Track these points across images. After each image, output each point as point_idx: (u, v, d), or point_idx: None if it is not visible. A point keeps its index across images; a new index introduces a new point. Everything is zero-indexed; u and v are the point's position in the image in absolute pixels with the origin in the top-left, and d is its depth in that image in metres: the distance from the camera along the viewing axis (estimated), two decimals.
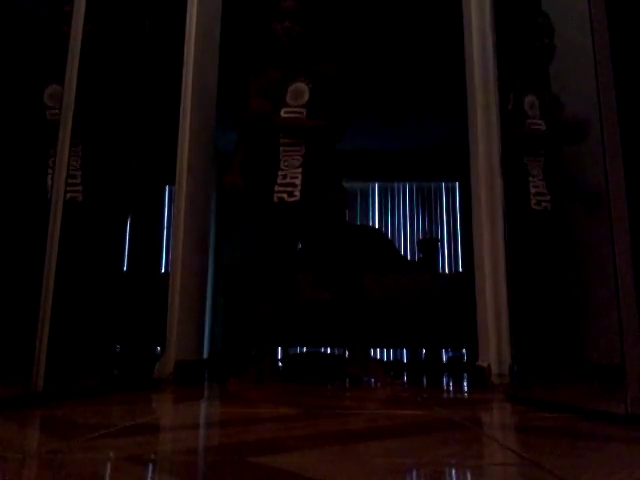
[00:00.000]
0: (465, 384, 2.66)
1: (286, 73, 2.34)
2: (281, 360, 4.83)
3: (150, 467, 0.68)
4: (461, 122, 2.59)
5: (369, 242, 4.99)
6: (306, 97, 2.29)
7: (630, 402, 1.01)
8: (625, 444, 0.88)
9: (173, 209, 2.25)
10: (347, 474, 0.63)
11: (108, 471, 0.66)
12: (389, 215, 6.54)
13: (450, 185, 6.54)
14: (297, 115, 2.27)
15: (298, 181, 2.23)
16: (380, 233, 5.55)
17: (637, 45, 1.31)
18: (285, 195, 2.24)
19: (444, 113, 5.24)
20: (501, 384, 1.95)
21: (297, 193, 2.23)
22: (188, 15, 2.42)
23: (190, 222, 2.28)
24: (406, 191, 6.56)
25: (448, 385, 2.60)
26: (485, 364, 2.08)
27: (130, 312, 2.16)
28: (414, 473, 0.66)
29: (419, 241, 5.76)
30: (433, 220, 6.54)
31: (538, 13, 2.24)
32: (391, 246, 5.29)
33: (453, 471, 0.68)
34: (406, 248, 6.43)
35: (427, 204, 6.56)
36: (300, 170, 2.24)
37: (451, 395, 2.05)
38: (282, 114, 2.27)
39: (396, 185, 6.54)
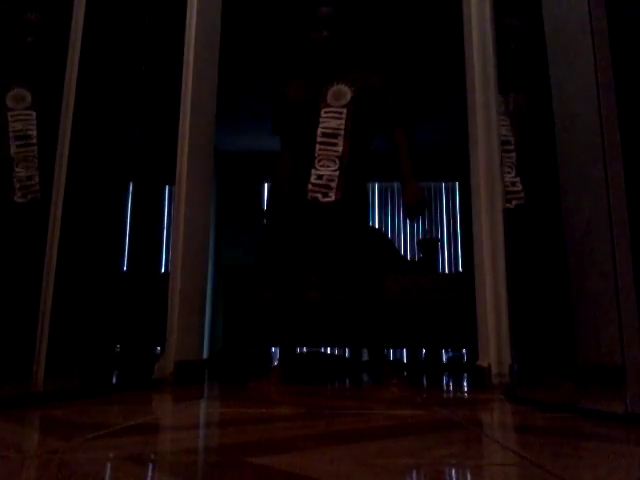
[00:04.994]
0: (465, 384, 2.66)
1: (326, 75, 2.35)
2: (280, 361, 4.82)
3: (150, 467, 0.68)
4: (461, 122, 2.59)
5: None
6: (348, 97, 2.29)
7: (630, 402, 1.01)
8: (625, 444, 0.88)
9: (173, 209, 2.25)
10: (347, 474, 0.63)
11: (108, 471, 0.66)
12: (389, 215, 6.54)
13: (450, 185, 6.54)
14: (338, 115, 2.27)
15: (334, 184, 2.23)
16: (380, 233, 5.55)
17: (637, 45, 1.31)
18: (320, 195, 2.23)
19: (444, 113, 5.24)
20: (501, 384, 1.95)
21: (332, 194, 2.23)
22: (188, 14, 2.42)
23: (190, 222, 2.28)
24: None
25: (448, 385, 2.60)
26: (485, 364, 2.08)
27: (130, 312, 2.16)
28: (414, 473, 0.66)
29: (419, 241, 5.76)
30: (433, 220, 6.54)
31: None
32: (391, 246, 5.29)
33: (453, 471, 0.68)
34: (406, 248, 6.43)
35: (427, 204, 6.56)
36: (337, 173, 2.23)
37: (451, 395, 2.05)
38: (322, 114, 2.27)
39: (396, 185, 6.53)
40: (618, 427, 1.01)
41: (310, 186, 2.23)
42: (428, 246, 5.11)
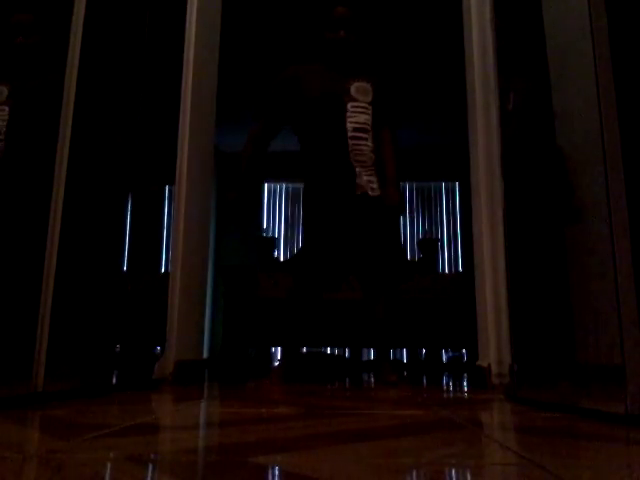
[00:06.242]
0: (465, 384, 2.66)
1: (344, 70, 2.33)
2: (283, 360, 4.82)
3: (150, 467, 0.68)
4: (461, 122, 2.59)
5: None
6: (371, 95, 2.30)
7: (630, 402, 1.01)
8: (625, 444, 0.88)
9: (173, 209, 2.25)
10: (347, 474, 0.63)
11: (108, 471, 0.66)
12: None
13: (450, 185, 6.54)
14: (364, 110, 2.27)
15: (374, 178, 2.23)
16: None
17: (637, 45, 1.31)
18: (369, 190, 2.22)
19: (444, 113, 5.24)
20: (501, 384, 1.95)
21: (377, 188, 2.23)
22: (188, 13, 2.42)
23: (190, 222, 2.28)
24: (406, 191, 6.56)
25: (448, 385, 2.60)
26: (485, 364, 2.08)
27: (130, 312, 2.15)
28: (414, 473, 0.66)
29: (419, 241, 5.76)
30: (433, 220, 6.54)
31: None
32: None
33: (453, 471, 0.68)
34: (406, 248, 6.43)
35: (427, 204, 6.56)
36: (374, 168, 2.24)
37: (451, 395, 2.05)
38: (349, 108, 2.26)
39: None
40: (618, 427, 1.01)
41: (358, 180, 2.22)
42: (428, 246, 5.12)
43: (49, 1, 2.10)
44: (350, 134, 2.23)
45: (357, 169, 2.22)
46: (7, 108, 1.99)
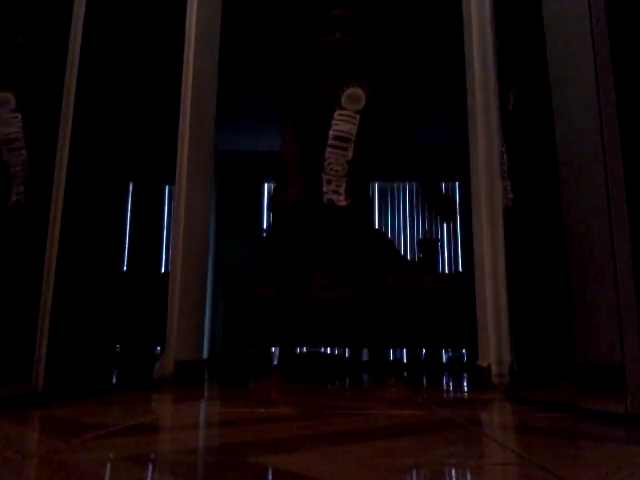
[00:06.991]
0: (465, 384, 2.66)
1: (340, 77, 2.33)
2: (279, 360, 4.82)
3: (150, 467, 0.68)
4: (461, 122, 2.59)
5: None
6: (363, 103, 2.29)
7: (630, 402, 1.01)
8: (625, 444, 0.88)
9: (173, 209, 2.25)
10: (347, 474, 0.63)
11: (108, 471, 0.66)
12: (389, 215, 6.54)
13: (450, 185, 6.54)
14: (349, 120, 2.27)
15: (342, 189, 2.24)
16: (380, 233, 5.55)
17: (637, 44, 1.31)
18: (334, 198, 2.23)
19: (444, 113, 5.24)
20: (501, 384, 1.95)
21: (342, 200, 2.23)
22: (188, 14, 2.42)
23: (190, 222, 2.28)
24: (406, 191, 6.56)
25: (448, 385, 2.60)
26: (485, 364, 2.08)
27: (130, 312, 2.15)
28: (414, 473, 0.66)
29: (419, 241, 5.76)
30: (433, 220, 6.54)
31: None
32: (391, 246, 5.29)
33: (453, 471, 0.68)
34: (406, 248, 6.43)
35: (427, 204, 6.56)
36: (345, 179, 2.24)
37: (451, 395, 2.05)
38: (335, 116, 2.26)
39: (396, 185, 6.53)
40: (618, 427, 1.01)
41: (324, 189, 2.23)
42: (428, 246, 5.11)
43: (49, 3, 2.09)
44: (330, 142, 2.24)
45: (326, 177, 2.23)
46: (20, 115, 1.97)
